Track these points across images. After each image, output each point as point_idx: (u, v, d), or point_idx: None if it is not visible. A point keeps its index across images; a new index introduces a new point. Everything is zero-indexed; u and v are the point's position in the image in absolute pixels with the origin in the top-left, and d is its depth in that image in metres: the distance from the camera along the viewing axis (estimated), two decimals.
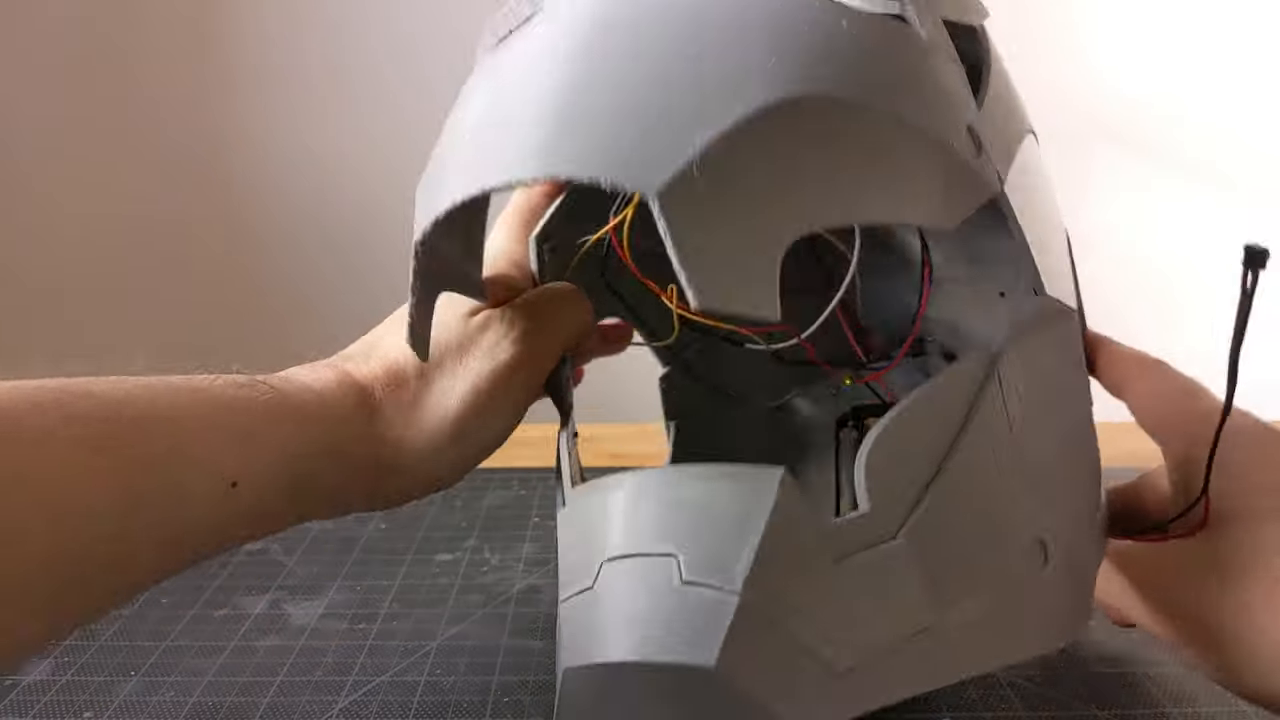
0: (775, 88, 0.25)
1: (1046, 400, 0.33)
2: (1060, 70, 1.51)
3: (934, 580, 0.29)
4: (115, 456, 0.27)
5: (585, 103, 0.25)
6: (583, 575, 0.28)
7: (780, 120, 0.25)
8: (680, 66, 0.25)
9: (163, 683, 0.41)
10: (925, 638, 0.29)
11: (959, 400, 0.30)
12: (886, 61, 0.28)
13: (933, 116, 0.28)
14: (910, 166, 0.28)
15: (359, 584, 0.49)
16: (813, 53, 0.26)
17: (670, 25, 0.27)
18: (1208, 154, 1.58)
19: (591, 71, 0.26)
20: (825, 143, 0.26)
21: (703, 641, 0.25)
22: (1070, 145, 1.61)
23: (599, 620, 0.26)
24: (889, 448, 0.28)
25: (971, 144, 0.29)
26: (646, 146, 0.24)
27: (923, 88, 0.28)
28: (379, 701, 0.39)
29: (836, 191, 0.26)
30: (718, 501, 0.26)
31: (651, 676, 0.25)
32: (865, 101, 0.26)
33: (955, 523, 0.30)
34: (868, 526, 0.28)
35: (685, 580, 0.25)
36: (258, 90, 1.52)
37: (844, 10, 0.28)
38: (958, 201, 0.29)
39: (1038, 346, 0.33)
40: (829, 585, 0.27)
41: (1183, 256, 1.63)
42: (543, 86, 0.26)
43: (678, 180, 0.23)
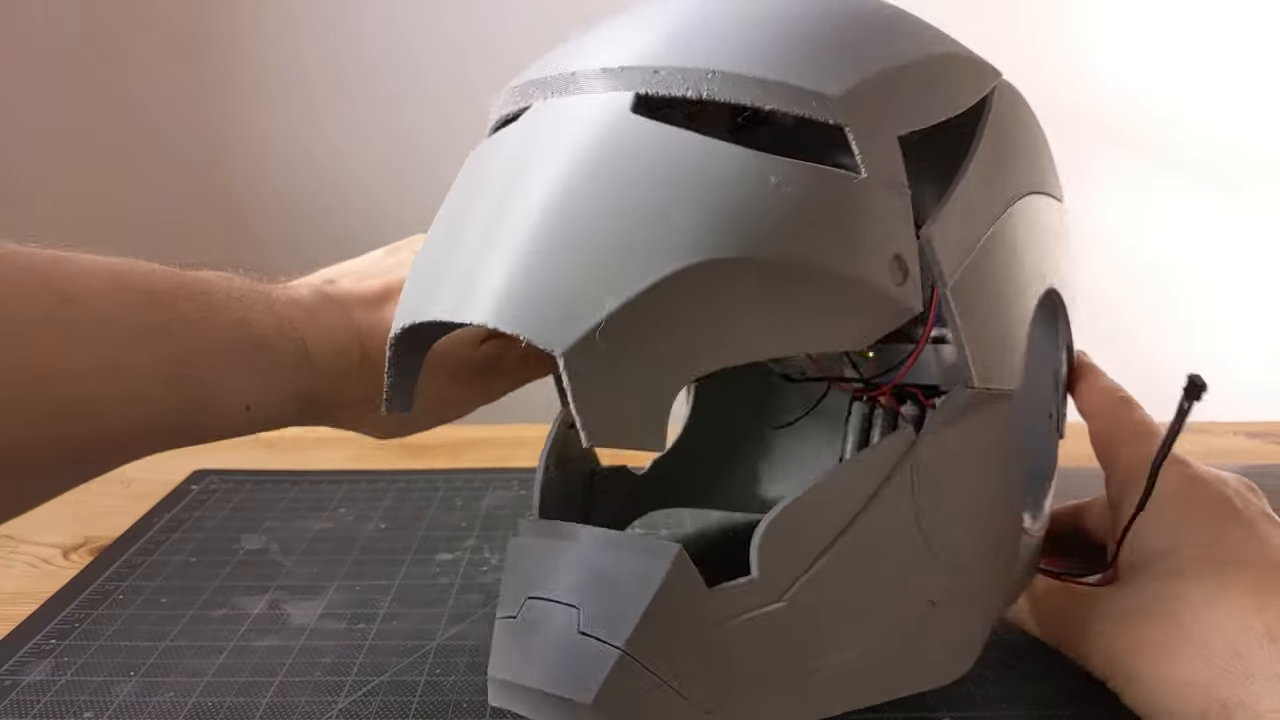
0: (683, 254, 0.28)
1: (962, 485, 0.35)
2: (1061, 70, 1.51)
3: (812, 637, 0.33)
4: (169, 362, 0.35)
5: (521, 266, 0.28)
6: (512, 602, 0.33)
7: (683, 286, 0.27)
8: (604, 228, 0.28)
9: (162, 683, 0.41)
10: (798, 682, 0.33)
11: (864, 486, 0.33)
12: (808, 214, 0.29)
13: (849, 258, 0.30)
14: (816, 308, 0.30)
15: (358, 584, 0.49)
16: (728, 214, 0.28)
17: (601, 183, 0.29)
18: (1208, 154, 1.58)
19: (531, 233, 0.29)
20: (727, 301, 0.28)
21: (586, 683, 0.30)
22: (1071, 145, 1.60)
23: (516, 646, 0.32)
24: (785, 527, 0.32)
25: (898, 271, 0.31)
26: (559, 309, 0.27)
27: (844, 232, 0.30)
28: (379, 701, 0.39)
29: (735, 340, 0.29)
30: (621, 570, 0.31)
31: (547, 700, 0.31)
32: (776, 257, 0.29)
33: (840, 590, 0.33)
34: (753, 592, 0.31)
35: (581, 630, 0.30)
36: (257, 91, 1.52)
37: (774, 165, 0.29)
38: (869, 328, 0.31)
39: (960, 435, 0.34)
40: (708, 644, 0.31)
41: (1183, 257, 1.63)
42: (491, 242, 0.30)
43: (581, 343, 0.27)
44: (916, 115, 0.33)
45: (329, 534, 0.55)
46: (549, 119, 0.32)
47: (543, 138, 0.31)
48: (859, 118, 0.30)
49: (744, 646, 0.32)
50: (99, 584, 0.49)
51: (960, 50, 0.36)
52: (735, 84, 0.30)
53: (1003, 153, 0.37)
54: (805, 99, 0.30)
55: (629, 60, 0.31)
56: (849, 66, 0.31)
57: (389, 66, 1.50)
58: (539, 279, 0.28)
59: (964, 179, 0.34)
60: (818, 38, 0.32)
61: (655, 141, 0.29)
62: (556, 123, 0.31)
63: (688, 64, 0.30)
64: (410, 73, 1.50)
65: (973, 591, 0.36)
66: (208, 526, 0.56)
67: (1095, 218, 1.60)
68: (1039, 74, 1.69)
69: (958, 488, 0.35)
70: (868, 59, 0.32)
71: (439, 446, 0.70)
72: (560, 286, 0.27)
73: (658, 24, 0.32)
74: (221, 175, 1.55)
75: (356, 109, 1.52)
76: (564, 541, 0.33)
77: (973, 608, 0.37)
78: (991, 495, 0.37)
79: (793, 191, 0.29)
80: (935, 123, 0.33)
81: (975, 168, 0.35)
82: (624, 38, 0.33)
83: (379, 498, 0.60)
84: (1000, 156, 0.36)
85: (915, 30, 0.35)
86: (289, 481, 0.63)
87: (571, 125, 0.31)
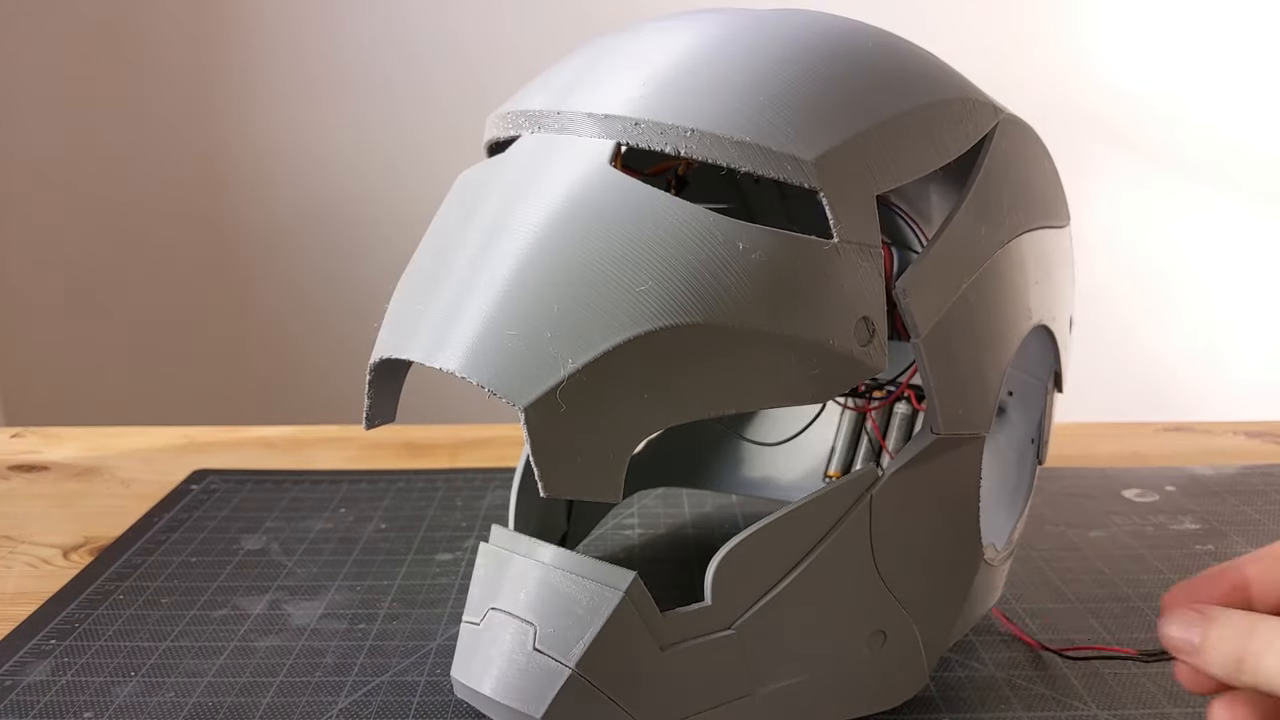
0: (645, 319, 0.29)
1: (920, 523, 0.36)
2: (1061, 70, 1.51)
3: (761, 663, 0.34)
4: None
5: (494, 319, 0.30)
6: (476, 609, 0.35)
7: (644, 350, 0.29)
8: (573, 287, 0.29)
9: (163, 683, 0.41)
10: (744, 701, 0.34)
11: (822, 522, 0.34)
12: (774, 281, 0.30)
13: (813, 324, 0.31)
14: (776, 371, 0.31)
15: (359, 584, 0.49)
16: (693, 279, 0.29)
17: (575, 239, 0.30)
18: (1208, 154, 1.58)
19: (507, 285, 0.30)
20: (687, 365, 0.29)
21: (537, 698, 0.32)
22: (1071, 145, 1.61)
23: (476, 652, 0.34)
24: (740, 557, 0.33)
25: (864, 332, 0.32)
26: (523, 364, 0.29)
27: (809, 299, 0.31)
28: (379, 701, 0.39)
29: (692, 400, 0.30)
30: (577, 594, 0.33)
31: (501, 708, 0.33)
32: (739, 323, 0.30)
33: (789, 620, 0.34)
34: (704, 619, 0.33)
35: (536, 647, 0.33)
36: (258, 91, 1.52)
37: (743, 231, 0.30)
38: (830, 388, 0.32)
39: (921, 477, 0.35)
40: (656, 666, 0.33)
41: (1183, 257, 1.63)
42: (471, 287, 0.31)
43: (542, 400, 0.28)
44: (898, 171, 0.33)
45: (329, 534, 0.55)
46: (535, 159, 0.33)
47: (528, 181, 0.32)
48: (833, 181, 0.31)
49: (692, 669, 0.33)
50: (99, 584, 0.49)
51: (957, 93, 0.36)
52: (713, 144, 0.30)
53: (997, 196, 0.37)
54: (781, 162, 0.30)
55: (613, 109, 0.32)
56: (828, 127, 0.31)
57: (390, 66, 1.50)
58: (508, 335, 0.29)
59: (949, 229, 0.34)
60: (799, 95, 0.32)
61: (629, 200, 0.30)
62: (543, 164, 0.33)
63: (668, 120, 0.31)
64: (412, 73, 1.50)
65: (924, 624, 0.37)
66: (208, 526, 0.56)
67: (1095, 218, 1.60)
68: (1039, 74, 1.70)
69: (915, 526, 0.36)
70: (849, 118, 0.32)
71: (439, 446, 0.70)
72: (527, 343, 0.29)
73: (645, 70, 0.33)
74: (222, 175, 1.55)
75: (358, 109, 1.52)
76: (527, 558, 0.35)
77: (923, 638, 0.38)
78: (949, 533, 0.38)
79: (759, 258, 0.30)
80: (919, 176, 0.34)
81: (962, 216, 0.35)
82: (612, 80, 0.33)
83: (379, 498, 0.60)
84: (993, 201, 0.36)
85: (908, 78, 0.35)
86: (289, 481, 0.63)
87: (555, 171, 0.32)
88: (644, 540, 0.54)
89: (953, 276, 0.34)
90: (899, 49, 0.36)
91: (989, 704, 0.39)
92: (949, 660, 0.42)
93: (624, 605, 0.32)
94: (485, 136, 0.38)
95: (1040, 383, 0.45)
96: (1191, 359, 1.63)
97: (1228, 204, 1.60)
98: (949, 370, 0.35)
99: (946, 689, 0.40)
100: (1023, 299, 0.38)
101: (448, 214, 0.35)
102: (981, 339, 0.36)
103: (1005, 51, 1.49)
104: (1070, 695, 0.40)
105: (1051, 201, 0.42)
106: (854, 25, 0.36)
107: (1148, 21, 1.52)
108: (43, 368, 1.60)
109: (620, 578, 0.32)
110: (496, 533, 0.37)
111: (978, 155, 0.36)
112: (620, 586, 0.32)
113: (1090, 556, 0.52)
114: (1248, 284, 1.63)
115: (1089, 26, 1.52)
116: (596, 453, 0.29)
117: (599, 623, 0.32)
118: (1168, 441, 0.71)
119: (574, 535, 0.48)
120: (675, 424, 0.31)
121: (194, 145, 1.53)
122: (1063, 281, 0.43)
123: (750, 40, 0.33)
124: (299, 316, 1.59)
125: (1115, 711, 0.39)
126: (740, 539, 0.33)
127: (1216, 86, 1.55)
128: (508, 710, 0.33)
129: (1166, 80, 1.54)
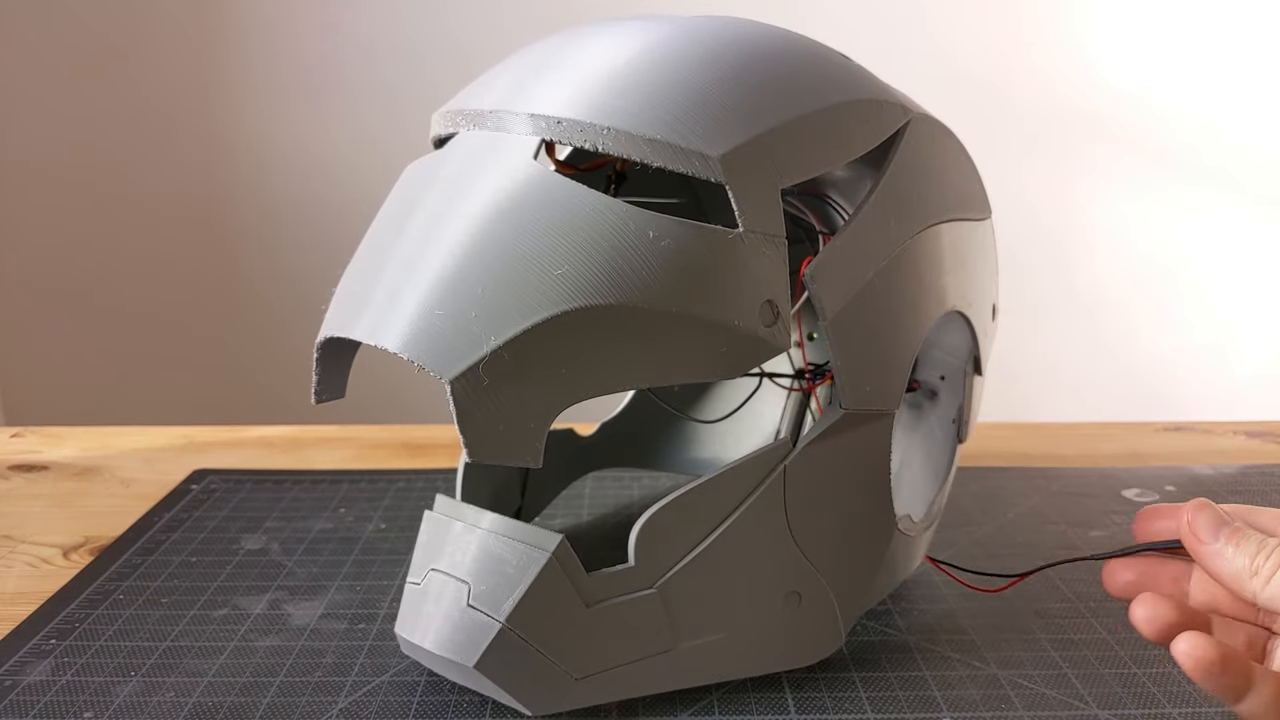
0: (561, 300, 0.32)
1: (832, 492, 0.39)
2: (1061, 70, 1.51)
3: (680, 620, 0.37)
4: None
5: (427, 303, 0.32)
6: (418, 570, 0.38)
7: (560, 328, 0.32)
8: (498, 273, 0.32)
9: (163, 683, 0.41)
10: (665, 657, 0.37)
11: (738, 490, 0.36)
12: (682, 266, 0.33)
13: (719, 307, 0.33)
14: (685, 349, 0.33)
15: (359, 584, 0.49)
16: (607, 264, 0.32)
17: (502, 229, 0.33)
18: (1208, 154, 1.58)
19: (439, 273, 0.33)
20: (600, 342, 0.32)
21: (471, 648, 0.35)
22: (1071, 145, 1.61)
23: (418, 609, 0.37)
24: (662, 522, 0.36)
25: (769, 314, 0.34)
26: (449, 342, 0.31)
27: (714, 283, 0.33)
28: (379, 701, 0.39)
29: (606, 375, 0.33)
30: (507, 555, 0.36)
31: (439, 660, 0.36)
32: (649, 304, 0.32)
33: (707, 581, 0.37)
34: (627, 579, 0.36)
35: (470, 604, 0.36)
36: (259, 90, 1.52)
37: (653, 220, 0.33)
38: (738, 365, 0.35)
39: (831, 449, 0.38)
40: (582, 622, 0.35)
41: (1183, 256, 1.63)
42: (411, 273, 0.34)
43: (467, 373, 0.31)
44: (802, 167, 0.36)
45: (329, 534, 0.55)
46: (470, 155, 0.36)
47: (462, 175, 0.35)
48: (738, 176, 0.34)
49: (616, 625, 0.36)
50: (99, 584, 0.49)
51: (864, 95, 0.38)
52: (627, 141, 0.33)
53: (906, 191, 0.39)
54: (689, 158, 0.33)
55: (539, 108, 0.35)
56: (734, 126, 0.34)
57: (390, 66, 1.50)
58: (439, 317, 0.32)
59: (856, 220, 0.37)
60: (710, 96, 0.34)
61: (550, 193, 0.33)
62: (477, 159, 0.36)
63: (587, 118, 0.34)
64: (413, 73, 1.50)
65: (838, 587, 0.40)
66: (208, 526, 0.56)
67: (1095, 218, 1.60)
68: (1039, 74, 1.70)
69: (828, 495, 0.39)
70: (755, 118, 0.35)
71: (439, 446, 0.70)
72: (454, 323, 0.32)
73: (573, 73, 0.36)
74: (222, 175, 1.55)
75: (358, 109, 1.52)
76: (467, 524, 0.37)
77: (838, 601, 0.40)
78: (861, 502, 0.40)
79: (668, 245, 0.33)
80: (826, 170, 0.37)
81: (870, 209, 0.38)
82: (541, 82, 0.36)
83: (379, 498, 0.60)
84: (903, 195, 0.39)
85: (815, 81, 0.37)
86: (289, 481, 0.63)
87: (487, 165, 0.35)
88: (593, 517, 0.56)
89: (860, 265, 0.37)
90: (812, 54, 0.39)
91: (989, 703, 0.39)
92: (950, 660, 0.42)
93: (551, 565, 0.35)
94: (430, 133, 0.40)
95: (961, 364, 0.48)
96: (1191, 359, 1.63)
97: (1228, 204, 1.60)
98: (856, 350, 0.37)
99: (947, 688, 0.40)
100: (934, 287, 0.41)
101: (391, 204, 0.38)
102: (889, 323, 0.39)
103: (1005, 52, 1.49)
104: (1070, 695, 0.40)
105: (967, 195, 0.44)
106: (774, 32, 0.39)
107: (1148, 21, 1.52)
108: (43, 368, 1.60)
109: (548, 540, 0.35)
110: (441, 501, 0.40)
111: (886, 153, 0.39)
112: (548, 548, 0.35)
113: None
114: (1248, 284, 1.63)
115: (1090, 27, 1.52)
116: (517, 422, 0.32)
117: (527, 581, 0.35)
118: (1168, 441, 0.71)
119: (528, 510, 0.51)
120: (593, 397, 0.33)
121: (194, 145, 1.53)
122: (981, 271, 0.46)
123: (673, 45, 0.36)
124: (299, 317, 1.59)
125: (1115, 711, 0.39)
126: (662, 505, 0.36)
127: (1218, 87, 1.55)
128: (446, 661, 0.36)
129: (1167, 81, 1.54)
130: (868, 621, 0.45)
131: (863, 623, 0.45)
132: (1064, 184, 1.57)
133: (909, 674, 0.41)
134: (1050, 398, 1.60)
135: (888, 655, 0.43)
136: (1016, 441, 0.70)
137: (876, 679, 0.41)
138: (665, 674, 0.38)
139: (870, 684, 0.41)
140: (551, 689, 0.36)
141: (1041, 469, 0.64)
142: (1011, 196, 1.54)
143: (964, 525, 0.55)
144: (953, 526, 0.55)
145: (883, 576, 0.43)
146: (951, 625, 0.45)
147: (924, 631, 0.45)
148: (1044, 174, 1.54)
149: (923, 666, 0.42)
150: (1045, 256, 1.57)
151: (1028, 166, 1.53)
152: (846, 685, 0.40)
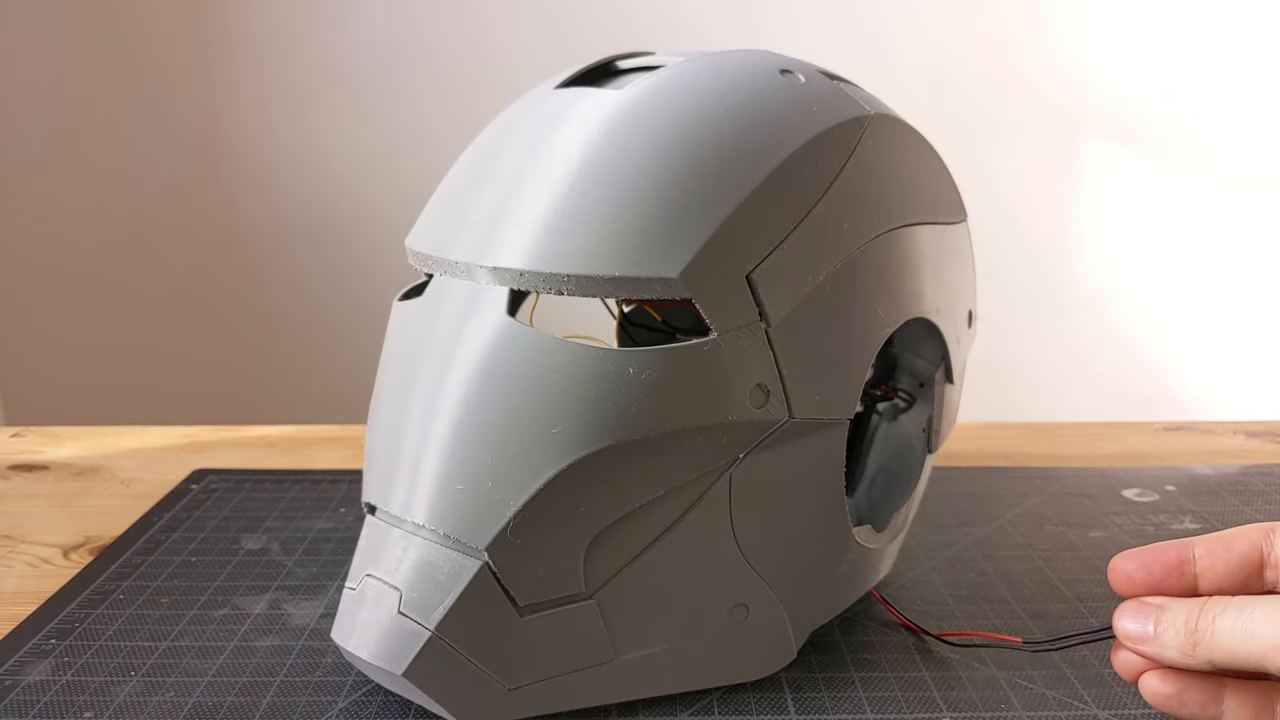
0: (562, 457, 0.34)
1: (780, 503, 0.38)
2: (1060, 69, 1.51)
3: (618, 631, 0.37)
4: None
5: (439, 472, 0.35)
6: (355, 575, 0.38)
7: (567, 480, 0.34)
8: (497, 443, 0.34)
9: (163, 683, 0.41)
10: (604, 668, 0.37)
11: (681, 500, 0.36)
12: (666, 392, 0.34)
13: (709, 412, 0.35)
14: (685, 453, 0.35)
15: None
16: (595, 411, 0.34)
17: (490, 397, 0.35)
18: (1207, 153, 1.58)
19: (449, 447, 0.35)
20: (608, 478, 0.34)
21: (400, 656, 0.35)
22: (1070, 144, 1.61)
23: (353, 616, 0.37)
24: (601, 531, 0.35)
25: (760, 396, 0.35)
26: (475, 514, 0.34)
27: (700, 395, 0.34)
28: (379, 701, 0.39)
29: (620, 497, 0.34)
30: (440, 563, 0.35)
31: (371, 666, 0.36)
32: (643, 435, 0.34)
33: (648, 591, 0.36)
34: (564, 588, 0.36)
35: (401, 611, 0.35)
36: (260, 90, 1.52)
37: (631, 356, 0.34)
38: (738, 447, 0.36)
39: (777, 459, 0.37)
40: (514, 631, 0.35)
41: (1183, 256, 1.63)
42: (416, 438, 0.36)
43: (497, 540, 0.34)
44: (764, 242, 0.35)
45: (329, 534, 0.55)
46: (452, 309, 0.37)
47: (450, 332, 0.36)
48: (702, 285, 0.34)
49: (552, 635, 0.36)
50: (99, 584, 0.49)
51: (807, 135, 0.36)
52: (590, 284, 0.34)
53: (862, 193, 0.38)
54: (651, 286, 0.34)
55: (501, 260, 0.35)
56: (689, 231, 0.34)
57: (393, 66, 1.50)
58: (459, 492, 0.35)
59: (804, 224, 0.36)
60: (658, 206, 0.34)
61: (528, 352, 0.34)
62: (459, 313, 0.37)
63: (547, 269, 0.34)
64: (414, 73, 1.50)
65: (789, 600, 0.39)
66: (208, 526, 0.56)
67: (1095, 216, 1.60)
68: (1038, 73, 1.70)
69: (776, 505, 0.38)
70: (710, 210, 0.34)
71: None
72: (476, 496, 0.34)
73: (526, 212, 0.36)
74: (223, 175, 1.55)
75: (359, 109, 1.52)
76: (405, 530, 0.37)
77: (789, 614, 0.39)
78: (811, 513, 0.39)
79: (649, 376, 0.34)
80: (789, 232, 0.35)
81: (820, 211, 0.36)
82: (497, 226, 0.36)
83: None
84: (858, 196, 0.38)
85: (763, 138, 0.36)
86: (289, 481, 0.63)
87: (466, 326, 0.36)
88: None
89: (809, 269, 0.36)
90: (754, 108, 0.37)
91: (990, 704, 0.39)
92: (950, 660, 0.42)
93: (482, 573, 0.35)
94: (407, 252, 0.40)
95: (930, 372, 0.46)
96: (1191, 359, 1.63)
97: (1229, 204, 1.60)
98: (803, 357, 0.36)
99: (947, 689, 0.40)
100: (894, 292, 0.40)
101: (391, 352, 0.40)
102: (842, 329, 0.38)
103: (1004, 52, 1.49)
104: (1070, 695, 0.40)
105: (935, 198, 0.42)
106: (702, 103, 0.37)
107: (1147, 21, 1.52)
108: (43, 368, 1.60)
109: (481, 552, 0.35)
110: (381, 512, 0.40)
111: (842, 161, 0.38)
112: (481, 556, 0.35)
113: (1090, 556, 0.52)
114: (1248, 284, 1.63)
115: (1089, 27, 1.52)
116: (553, 562, 0.35)
117: (458, 589, 0.35)
118: (1168, 441, 0.71)
119: None
120: (617, 517, 0.35)
121: (194, 145, 1.53)
122: (953, 276, 0.44)
123: (609, 157, 0.35)
124: (300, 316, 1.59)
125: (1115, 711, 0.39)
126: None
127: (1219, 87, 1.55)
128: (377, 669, 0.36)
129: (1168, 81, 1.54)
130: (867, 622, 0.45)
131: (862, 623, 0.45)
132: (1064, 184, 1.57)
133: (909, 674, 0.41)
134: (1050, 398, 1.60)
135: (888, 655, 0.43)
136: (1016, 441, 0.70)
137: (876, 679, 0.41)
138: (604, 686, 0.37)
139: (870, 684, 0.41)
140: (483, 700, 0.36)
141: (1041, 469, 0.64)
142: (1011, 196, 1.54)
143: (964, 525, 0.55)
144: (953, 527, 0.55)
145: (839, 589, 0.42)
146: (951, 626, 0.45)
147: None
148: (1045, 174, 1.54)
149: (923, 666, 0.42)
150: (1045, 256, 1.57)
151: (1031, 165, 1.53)
152: (846, 685, 0.41)
